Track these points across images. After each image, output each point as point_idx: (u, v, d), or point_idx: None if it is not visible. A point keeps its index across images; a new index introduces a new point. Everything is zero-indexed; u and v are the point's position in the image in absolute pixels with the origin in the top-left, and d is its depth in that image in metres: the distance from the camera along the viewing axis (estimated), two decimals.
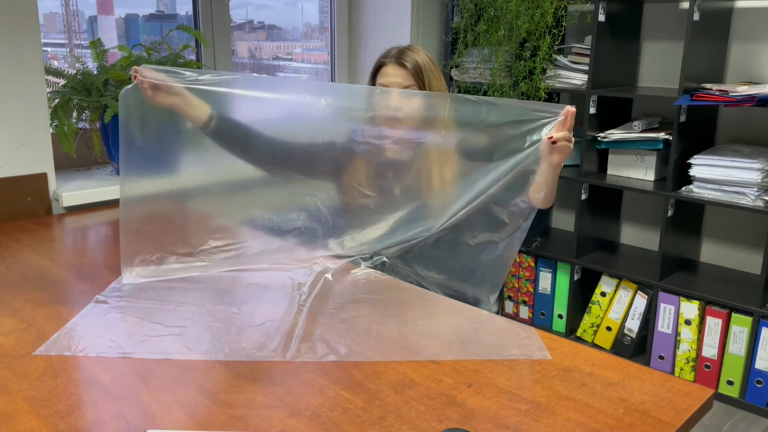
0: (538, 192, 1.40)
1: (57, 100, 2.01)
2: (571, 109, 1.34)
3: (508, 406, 0.97)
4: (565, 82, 2.66)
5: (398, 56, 1.62)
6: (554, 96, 2.81)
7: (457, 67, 2.91)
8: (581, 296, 2.83)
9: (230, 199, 1.52)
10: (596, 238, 2.84)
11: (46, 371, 1.05)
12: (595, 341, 2.76)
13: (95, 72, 2.11)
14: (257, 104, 1.48)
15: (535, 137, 1.35)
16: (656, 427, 0.92)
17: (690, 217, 2.59)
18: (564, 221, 3.09)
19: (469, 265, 1.47)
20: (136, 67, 1.36)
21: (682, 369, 2.48)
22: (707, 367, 2.43)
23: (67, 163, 2.27)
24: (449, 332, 1.21)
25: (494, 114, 1.41)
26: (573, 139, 1.37)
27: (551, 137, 1.34)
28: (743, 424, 2.29)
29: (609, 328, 2.71)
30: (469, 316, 1.29)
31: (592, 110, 2.57)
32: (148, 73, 1.36)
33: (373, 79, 1.67)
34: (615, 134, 2.57)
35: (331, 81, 3.19)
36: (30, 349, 1.12)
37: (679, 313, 2.46)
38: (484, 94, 2.83)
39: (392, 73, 1.61)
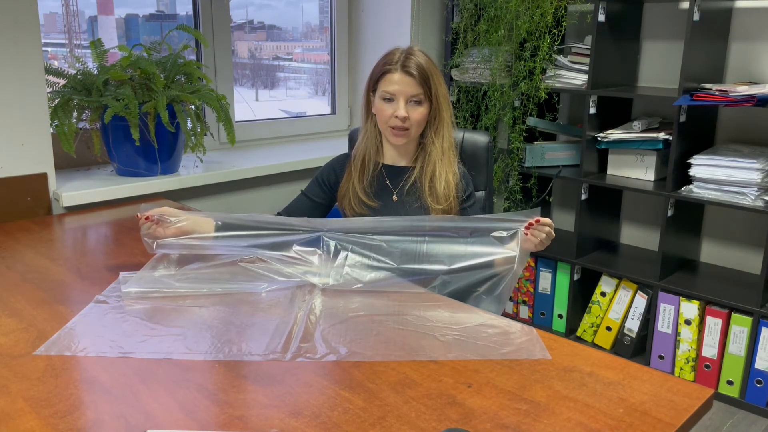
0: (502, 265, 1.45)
1: (57, 100, 2.01)
2: (541, 219, 1.43)
3: (508, 406, 0.97)
4: (565, 82, 2.66)
5: (404, 64, 1.60)
6: (554, 96, 2.81)
7: (457, 67, 2.91)
8: (581, 296, 2.83)
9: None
10: (596, 238, 2.85)
11: (46, 371, 1.05)
12: (595, 341, 2.76)
13: (95, 72, 2.11)
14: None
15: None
16: (656, 427, 0.92)
17: (690, 217, 2.59)
18: (564, 221, 3.09)
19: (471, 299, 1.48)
20: (139, 214, 1.45)
21: (682, 369, 2.48)
22: (707, 367, 2.43)
23: (67, 163, 2.27)
24: (449, 332, 1.21)
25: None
26: (543, 237, 1.44)
27: (529, 226, 1.43)
28: (743, 424, 2.29)
29: (609, 328, 2.71)
30: (469, 316, 1.29)
31: (592, 110, 2.57)
32: (153, 212, 1.45)
33: (375, 85, 1.65)
34: (615, 134, 2.57)
35: (331, 81, 3.19)
36: (30, 349, 1.12)
37: (679, 313, 2.46)
38: (484, 94, 2.84)
39: (399, 81, 1.59)
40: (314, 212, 1.75)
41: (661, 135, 2.48)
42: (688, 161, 2.37)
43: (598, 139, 2.61)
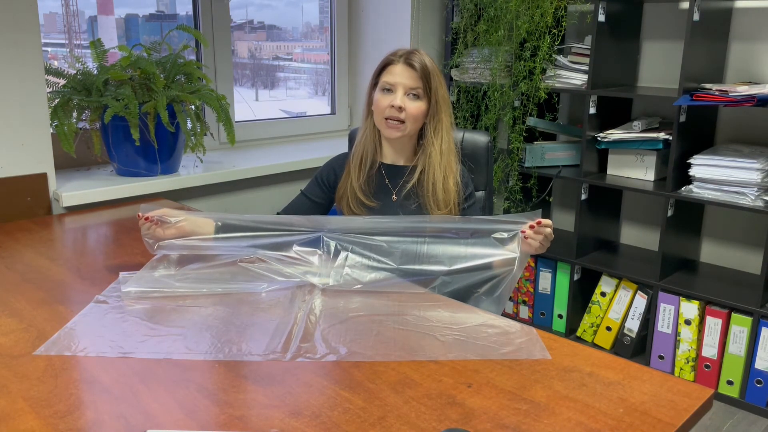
0: (500, 267, 1.45)
1: (57, 100, 2.01)
2: (542, 221, 1.43)
3: (508, 406, 0.97)
4: (565, 82, 2.66)
5: (407, 57, 1.62)
6: (554, 96, 2.81)
7: (457, 67, 2.91)
8: (581, 296, 2.83)
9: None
10: (596, 238, 2.84)
11: (46, 371, 1.05)
12: (595, 341, 2.77)
13: (95, 72, 2.11)
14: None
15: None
16: (656, 427, 0.92)
17: (690, 217, 2.59)
18: (564, 221, 3.09)
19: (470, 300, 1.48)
20: (139, 214, 1.44)
21: (681, 369, 2.48)
22: (707, 367, 2.43)
23: (67, 163, 2.27)
24: (449, 332, 1.21)
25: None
26: (541, 239, 1.44)
27: (524, 231, 1.43)
28: (743, 424, 2.29)
29: (609, 328, 2.71)
30: (469, 316, 1.29)
31: (592, 110, 2.57)
32: (153, 213, 1.44)
33: (377, 77, 1.66)
34: (615, 134, 2.57)
35: (331, 81, 3.19)
36: (30, 349, 1.12)
37: (679, 313, 2.46)
38: (484, 94, 2.84)
39: (400, 73, 1.61)
40: (314, 212, 1.75)
41: (661, 135, 2.48)
42: (688, 161, 2.37)
43: (598, 139, 2.61)
